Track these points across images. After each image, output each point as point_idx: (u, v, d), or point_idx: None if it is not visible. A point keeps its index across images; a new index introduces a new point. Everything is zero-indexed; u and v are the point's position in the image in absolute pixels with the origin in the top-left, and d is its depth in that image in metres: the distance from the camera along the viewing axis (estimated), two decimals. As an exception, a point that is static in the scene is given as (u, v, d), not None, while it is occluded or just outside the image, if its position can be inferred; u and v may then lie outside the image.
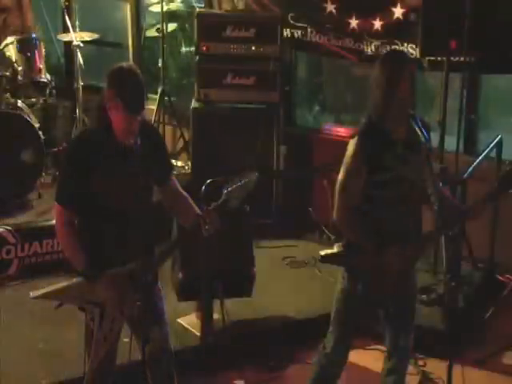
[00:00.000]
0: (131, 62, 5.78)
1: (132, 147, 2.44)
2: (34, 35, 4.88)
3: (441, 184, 2.81)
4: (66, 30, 5.10)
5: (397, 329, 2.86)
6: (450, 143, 4.13)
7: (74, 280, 2.48)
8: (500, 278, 4.25)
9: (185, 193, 2.67)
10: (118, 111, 2.41)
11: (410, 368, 3.19)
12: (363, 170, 2.66)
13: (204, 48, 4.74)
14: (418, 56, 4.26)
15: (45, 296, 2.48)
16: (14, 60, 4.70)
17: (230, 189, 2.45)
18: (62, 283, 2.51)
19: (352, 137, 2.74)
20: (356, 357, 3.04)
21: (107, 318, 2.48)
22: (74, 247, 2.48)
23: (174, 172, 2.80)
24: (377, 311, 2.85)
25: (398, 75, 2.63)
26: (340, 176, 2.72)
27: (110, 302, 2.46)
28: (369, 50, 4.59)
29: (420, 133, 2.65)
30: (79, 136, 2.57)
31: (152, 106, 5.10)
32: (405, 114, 2.68)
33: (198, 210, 2.57)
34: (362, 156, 2.66)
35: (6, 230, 4.18)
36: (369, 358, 3.52)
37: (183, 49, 5.95)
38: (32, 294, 2.48)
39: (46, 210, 4.57)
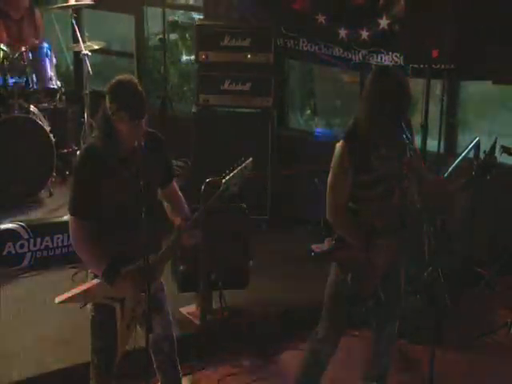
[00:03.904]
0: (135, 69, 5.76)
1: (135, 154, 2.41)
2: (45, 45, 4.85)
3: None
4: (75, 40, 5.06)
5: (384, 316, 2.86)
6: (432, 145, 4.11)
7: (94, 281, 2.49)
8: (478, 269, 4.23)
9: (180, 194, 2.68)
10: (124, 122, 2.40)
11: (395, 352, 3.18)
12: (350, 171, 2.64)
13: (203, 56, 4.72)
14: (403, 64, 4.25)
15: (70, 300, 2.49)
16: (27, 68, 4.67)
17: (227, 177, 2.45)
18: (83, 286, 2.53)
19: (339, 140, 2.71)
20: (346, 342, 3.01)
21: (127, 310, 2.49)
22: (91, 253, 2.47)
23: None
24: (365, 300, 2.82)
25: (388, 93, 2.56)
26: (329, 177, 2.70)
27: (127, 295, 2.47)
28: (356, 59, 4.56)
29: (404, 133, 2.61)
30: (86, 150, 2.51)
31: (154, 111, 5.07)
32: (390, 126, 2.63)
33: (185, 214, 2.57)
34: (348, 158, 2.63)
35: (20, 225, 4.15)
36: (357, 344, 3.50)
37: (184, 57, 5.92)
38: (57, 298, 2.48)
39: (56, 207, 4.54)
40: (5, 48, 4.65)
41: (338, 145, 2.68)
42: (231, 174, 2.46)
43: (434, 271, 3.70)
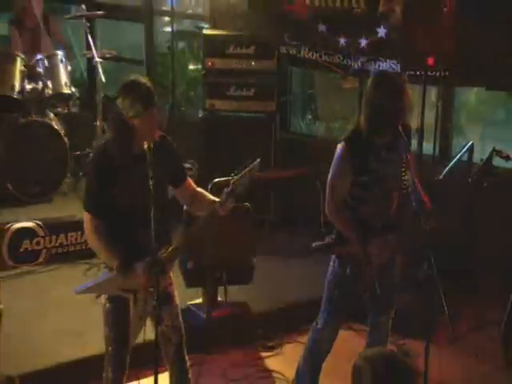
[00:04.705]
0: (145, 76, 5.78)
1: (146, 154, 2.43)
2: (60, 53, 4.88)
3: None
4: (88, 48, 5.10)
5: (379, 308, 2.89)
6: (428, 148, 4.13)
7: (110, 275, 2.51)
8: (470, 267, 4.24)
9: (199, 189, 2.68)
10: (139, 114, 2.42)
11: (392, 347, 3.20)
12: (349, 171, 2.66)
13: (209, 64, 4.75)
14: (399, 71, 4.26)
15: (87, 291, 2.51)
16: (43, 74, 4.70)
17: (236, 177, 2.47)
18: (98, 279, 2.55)
19: (340, 141, 2.74)
20: (344, 335, 3.03)
21: (140, 302, 2.51)
22: (106, 248, 2.49)
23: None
24: (362, 292, 2.84)
25: (389, 98, 2.58)
26: (329, 176, 2.72)
27: (140, 288, 2.49)
28: (355, 66, 4.58)
29: (402, 137, 2.65)
30: (99, 150, 2.54)
31: (163, 115, 5.10)
32: (391, 129, 2.66)
33: (213, 198, 2.57)
34: (348, 158, 2.66)
35: (36, 224, 4.19)
36: (355, 337, 3.52)
37: (191, 64, 5.95)
38: (75, 291, 2.50)
39: (70, 206, 4.57)
40: (22, 56, 4.68)
41: (339, 146, 2.70)
42: (239, 175, 2.47)
43: (428, 268, 3.70)
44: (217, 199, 2.53)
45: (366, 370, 1.70)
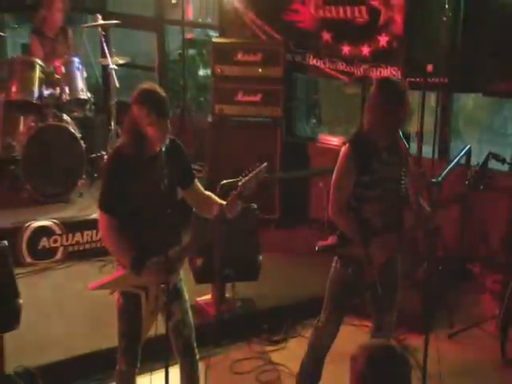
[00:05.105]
0: (157, 82, 5.81)
1: (157, 156, 2.45)
2: (77, 60, 4.91)
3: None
4: (103, 55, 5.13)
5: (382, 308, 2.86)
6: (427, 151, 4.13)
7: (123, 272, 2.52)
8: (469, 266, 4.23)
9: (207, 192, 2.68)
10: (153, 123, 2.45)
11: (393, 341, 3.18)
12: (353, 171, 2.66)
13: (218, 70, 4.76)
14: (400, 77, 4.26)
15: (101, 287, 2.53)
16: (60, 81, 4.74)
17: (243, 180, 2.47)
18: (112, 276, 2.56)
19: (344, 143, 2.75)
20: (345, 331, 3.02)
21: (151, 298, 2.52)
22: (119, 246, 2.50)
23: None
24: (364, 293, 2.85)
25: (392, 102, 2.59)
26: (333, 176, 2.73)
27: (151, 285, 2.50)
28: (358, 73, 4.58)
29: (402, 141, 2.66)
30: (114, 152, 2.56)
31: (174, 119, 5.11)
32: (393, 133, 2.67)
33: (220, 201, 2.57)
34: (352, 159, 2.66)
35: (54, 222, 4.23)
36: (357, 333, 3.52)
37: (201, 71, 5.96)
38: (90, 286, 2.52)
39: (86, 206, 4.59)
40: (41, 63, 4.72)
41: (344, 147, 2.71)
42: (247, 178, 2.47)
43: (429, 267, 3.70)
44: (224, 202, 2.53)
45: (361, 357, 1.65)
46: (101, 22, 5.03)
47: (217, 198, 2.63)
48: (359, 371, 1.65)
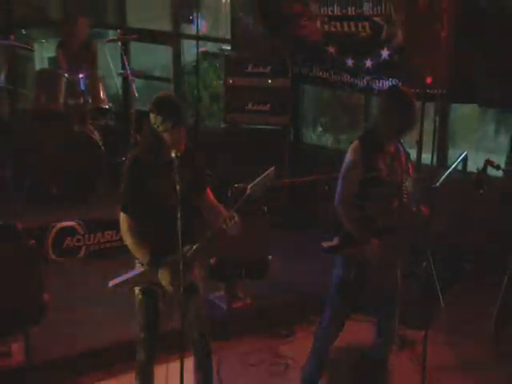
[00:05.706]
0: (173, 92, 5.84)
1: (173, 161, 2.46)
2: (99, 72, 4.95)
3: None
4: (123, 67, 5.16)
5: (384, 313, 2.83)
6: (426, 158, 4.12)
7: (142, 269, 2.53)
8: (465, 265, 4.21)
9: (216, 202, 2.67)
10: (168, 130, 2.47)
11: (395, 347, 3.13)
12: (360, 164, 2.67)
13: (230, 81, 4.80)
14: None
15: (121, 283, 2.54)
16: (84, 91, 4.78)
17: (252, 184, 2.47)
18: (131, 273, 2.57)
19: (352, 142, 2.76)
20: (349, 328, 3.01)
21: (168, 293, 2.53)
22: (138, 245, 2.52)
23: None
24: (366, 291, 2.81)
25: (401, 108, 2.61)
26: (342, 168, 2.73)
27: (168, 281, 2.49)
28: (361, 84, 4.59)
29: (402, 147, 2.69)
30: (133, 157, 2.58)
31: (188, 127, 5.13)
32: (399, 138, 2.71)
33: (228, 214, 2.53)
34: (360, 153, 2.67)
35: (77, 223, 4.26)
36: (360, 330, 3.51)
37: (214, 82, 5.99)
38: (110, 283, 2.52)
39: (107, 208, 4.60)
40: (66, 75, 4.77)
41: (353, 143, 2.73)
42: (255, 181, 2.48)
43: (427, 266, 3.69)
44: (229, 215, 2.46)
45: None
46: (121, 36, 5.08)
47: (225, 211, 2.57)
48: None
